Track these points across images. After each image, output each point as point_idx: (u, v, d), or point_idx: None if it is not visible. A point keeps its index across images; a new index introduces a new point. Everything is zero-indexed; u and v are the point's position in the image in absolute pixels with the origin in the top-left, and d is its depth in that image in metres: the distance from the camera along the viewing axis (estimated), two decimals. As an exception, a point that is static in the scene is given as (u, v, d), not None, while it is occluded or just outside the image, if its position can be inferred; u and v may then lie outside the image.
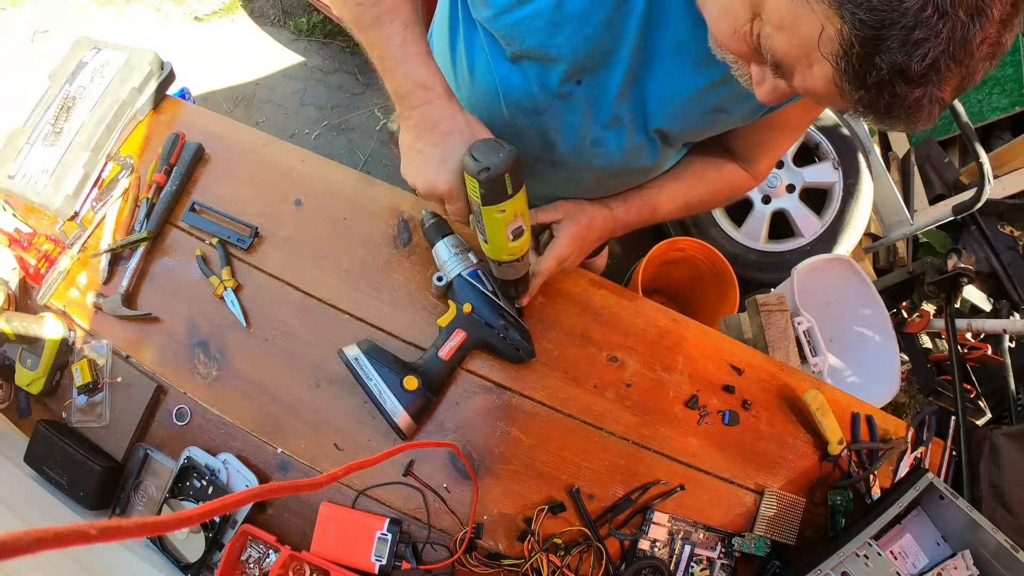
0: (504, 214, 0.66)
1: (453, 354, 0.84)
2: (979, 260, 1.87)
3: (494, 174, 0.61)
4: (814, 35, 0.42)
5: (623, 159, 0.81)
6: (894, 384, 1.39)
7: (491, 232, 0.69)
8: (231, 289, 0.92)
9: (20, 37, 2.39)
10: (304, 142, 2.33)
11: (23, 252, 0.94)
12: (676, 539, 0.87)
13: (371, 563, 0.80)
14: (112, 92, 0.99)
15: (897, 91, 0.41)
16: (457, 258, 0.86)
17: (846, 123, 2.00)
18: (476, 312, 0.84)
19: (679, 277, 1.94)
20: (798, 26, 0.43)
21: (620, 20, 0.62)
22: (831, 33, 0.41)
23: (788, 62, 0.47)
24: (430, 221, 0.88)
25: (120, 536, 0.27)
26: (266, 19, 2.55)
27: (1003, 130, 2.15)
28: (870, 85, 0.42)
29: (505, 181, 0.63)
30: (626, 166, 0.83)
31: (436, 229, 0.88)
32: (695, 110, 0.72)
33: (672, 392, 0.93)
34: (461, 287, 0.85)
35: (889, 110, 0.43)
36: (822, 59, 0.43)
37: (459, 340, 0.84)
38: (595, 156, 0.81)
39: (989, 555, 0.80)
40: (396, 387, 0.81)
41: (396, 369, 0.82)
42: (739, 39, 0.50)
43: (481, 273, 0.86)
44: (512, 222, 0.68)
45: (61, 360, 0.90)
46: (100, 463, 0.84)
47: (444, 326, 0.85)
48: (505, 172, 0.62)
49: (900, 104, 0.42)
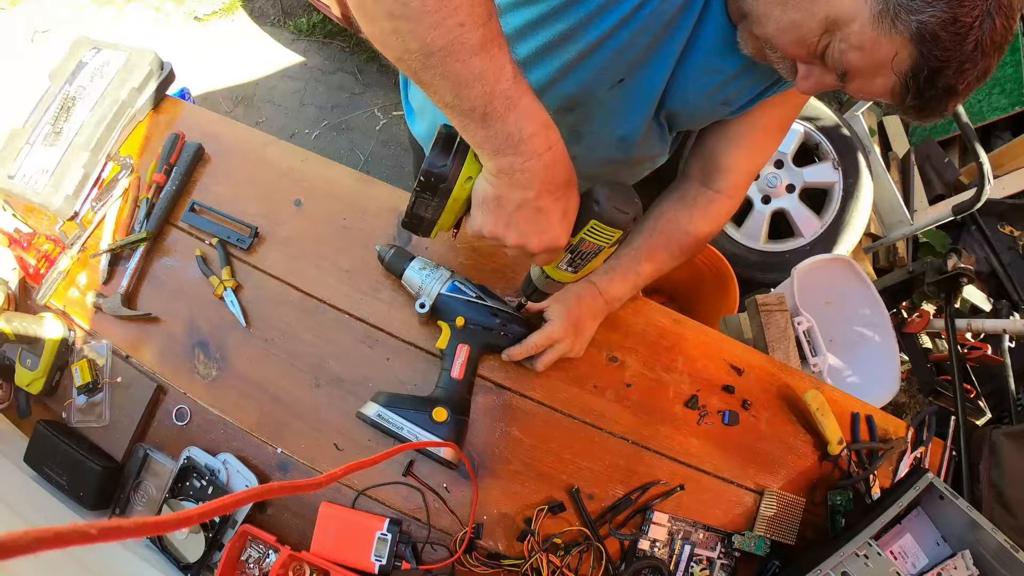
0: (614, 249, 0.63)
1: (465, 369, 0.83)
2: (979, 260, 1.87)
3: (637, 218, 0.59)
4: (888, 57, 0.52)
5: (638, 149, 0.83)
6: (894, 384, 1.39)
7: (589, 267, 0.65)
8: (231, 289, 0.92)
9: (20, 37, 2.39)
10: (304, 142, 2.33)
11: (23, 252, 0.94)
12: (676, 539, 0.87)
13: (371, 563, 0.80)
14: (112, 92, 0.99)
15: (943, 102, 0.54)
16: (431, 277, 0.85)
17: (846, 123, 2.00)
18: (470, 322, 0.84)
19: (679, 277, 1.94)
20: (876, 49, 0.53)
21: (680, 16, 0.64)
22: (904, 57, 0.52)
23: (855, 73, 0.56)
24: (389, 253, 0.87)
25: (120, 536, 0.27)
26: (266, 19, 2.55)
27: (1003, 130, 2.15)
28: (927, 98, 0.54)
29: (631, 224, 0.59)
30: (640, 155, 0.85)
31: (398, 258, 0.87)
32: (710, 102, 0.75)
33: (672, 392, 0.93)
34: (446, 304, 0.84)
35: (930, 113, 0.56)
36: (890, 75, 0.54)
37: (465, 355, 0.84)
38: (618, 150, 0.82)
39: (989, 555, 0.80)
40: (428, 424, 0.80)
41: (420, 407, 0.81)
42: (803, 47, 0.57)
43: (458, 282, 0.85)
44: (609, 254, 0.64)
45: (61, 360, 0.90)
46: (100, 463, 0.84)
47: (445, 347, 0.84)
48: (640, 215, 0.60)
49: (940, 109, 0.56)
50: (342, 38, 2.51)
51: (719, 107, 0.77)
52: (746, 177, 0.88)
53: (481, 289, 0.87)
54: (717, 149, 0.85)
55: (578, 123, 0.79)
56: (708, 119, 0.83)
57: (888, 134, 2.34)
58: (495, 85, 0.49)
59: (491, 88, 0.49)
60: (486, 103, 0.49)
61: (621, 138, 0.81)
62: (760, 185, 2.02)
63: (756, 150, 0.86)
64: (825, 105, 2.01)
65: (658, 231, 0.89)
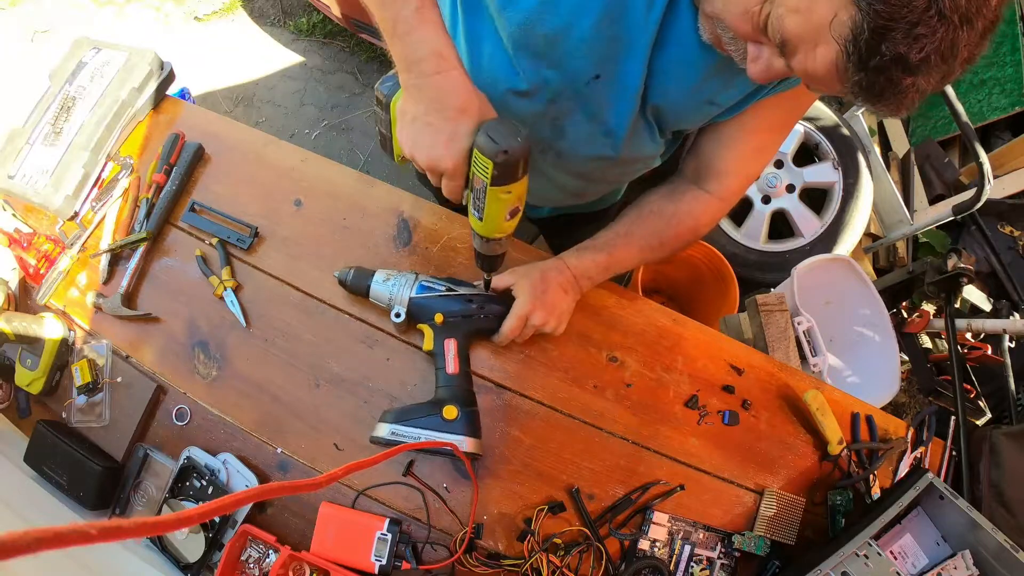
0: (510, 195, 0.66)
1: (459, 362, 0.84)
2: (979, 260, 1.87)
3: (511, 158, 0.61)
4: (827, 19, 0.47)
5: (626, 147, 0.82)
6: (894, 384, 1.39)
7: (491, 211, 0.68)
8: (231, 289, 0.92)
9: (20, 37, 2.40)
10: (304, 142, 2.33)
11: (23, 252, 0.94)
12: (676, 539, 0.87)
13: (371, 563, 0.80)
14: (112, 92, 0.99)
15: (893, 77, 0.48)
16: (398, 284, 0.85)
17: (846, 123, 2.00)
18: (448, 315, 0.84)
19: (679, 277, 1.94)
20: (813, 11, 0.48)
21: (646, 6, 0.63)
22: (844, 19, 0.46)
23: (795, 42, 0.51)
24: (349, 274, 0.87)
25: (120, 536, 0.27)
26: (266, 19, 2.55)
27: (1003, 130, 2.15)
28: (871, 68, 0.47)
29: (519, 165, 0.62)
30: (630, 154, 0.83)
31: (359, 277, 0.86)
32: (694, 99, 0.74)
33: (672, 392, 0.93)
34: (420, 306, 0.84)
35: (882, 93, 0.49)
36: (830, 41, 0.48)
37: (454, 348, 0.84)
38: (604, 146, 0.81)
39: (989, 555, 0.80)
40: (443, 426, 0.80)
41: (429, 412, 0.81)
42: (748, 19, 0.54)
43: (425, 281, 0.85)
44: (515, 204, 0.68)
45: (61, 360, 0.90)
46: (100, 463, 0.84)
47: (432, 348, 0.84)
48: (522, 156, 0.62)
49: (893, 89, 0.49)
50: (342, 38, 2.51)
51: (705, 106, 0.75)
52: (738, 180, 0.86)
53: (449, 280, 0.87)
54: (709, 150, 0.84)
55: (560, 116, 0.79)
56: (697, 119, 0.80)
57: (888, 134, 2.33)
58: (400, 11, 0.60)
59: (396, 13, 0.60)
60: (392, 28, 0.61)
61: (606, 133, 0.80)
62: (760, 185, 2.02)
63: (749, 154, 0.83)
64: (825, 105, 2.01)
65: (640, 220, 0.88)
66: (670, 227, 0.88)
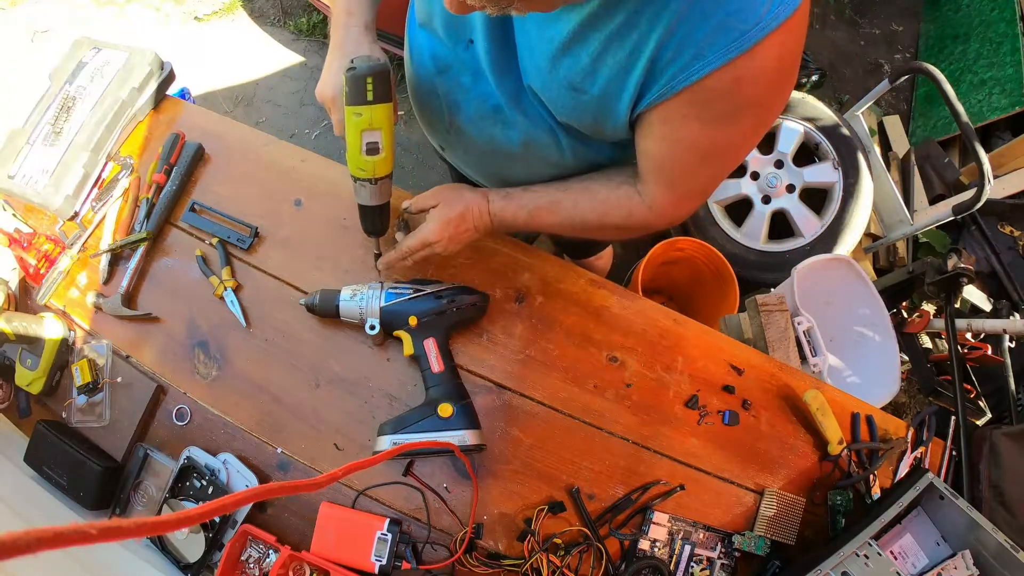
0: (360, 118, 0.70)
1: (442, 360, 0.84)
2: (979, 260, 1.87)
3: (357, 74, 0.68)
4: None
5: (522, 137, 0.79)
6: (894, 384, 1.39)
7: (350, 137, 0.72)
8: (231, 289, 0.92)
9: (20, 37, 2.40)
10: (304, 142, 2.33)
11: (23, 252, 0.94)
12: (676, 539, 0.87)
13: (371, 563, 0.80)
14: (112, 92, 0.99)
15: None
16: (366, 298, 0.85)
17: (846, 123, 2.00)
18: (421, 316, 0.85)
19: (679, 277, 1.94)
20: None
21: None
22: None
23: None
24: (315, 298, 0.87)
25: (120, 536, 0.27)
26: (266, 19, 2.55)
27: (1003, 130, 2.15)
28: None
29: (366, 84, 0.68)
30: (526, 147, 0.80)
31: (326, 298, 0.86)
32: (554, 82, 0.66)
33: (672, 392, 0.93)
34: (392, 313, 0.85)
35: None
36: None
37: (435, 347, 0.84)
38: (495, 125, 0.79)
39: (989, 555, 0.80)
40: (442, 424, 0.81)
41: (425, 414, 0.81)
42: None
43: (391, 288, 0.86)
44: (368, 130, 0.71)
45: (61, 360, 0.90)
46: (100, 463, 0.84)
47: (414, 352, 0.85)
48: (368, 76, 0.68)
49: None
50: (342, 38, 2.51)
51: (569, 91, 0.66)
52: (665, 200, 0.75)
53: (414, 282, 0.88)
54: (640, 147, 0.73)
55: (452, 90, 0.79)
56: (571, 107, 0.69)
57: (888, 134, 2.33)
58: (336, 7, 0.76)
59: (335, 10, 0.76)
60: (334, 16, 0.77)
61: (495, 108, 0.76)
62: (760, 185, 2.02)
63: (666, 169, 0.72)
64: (825, 105, 2.01)
65: (573, 192, 0.82)
66: (595, 213, 0.81)
